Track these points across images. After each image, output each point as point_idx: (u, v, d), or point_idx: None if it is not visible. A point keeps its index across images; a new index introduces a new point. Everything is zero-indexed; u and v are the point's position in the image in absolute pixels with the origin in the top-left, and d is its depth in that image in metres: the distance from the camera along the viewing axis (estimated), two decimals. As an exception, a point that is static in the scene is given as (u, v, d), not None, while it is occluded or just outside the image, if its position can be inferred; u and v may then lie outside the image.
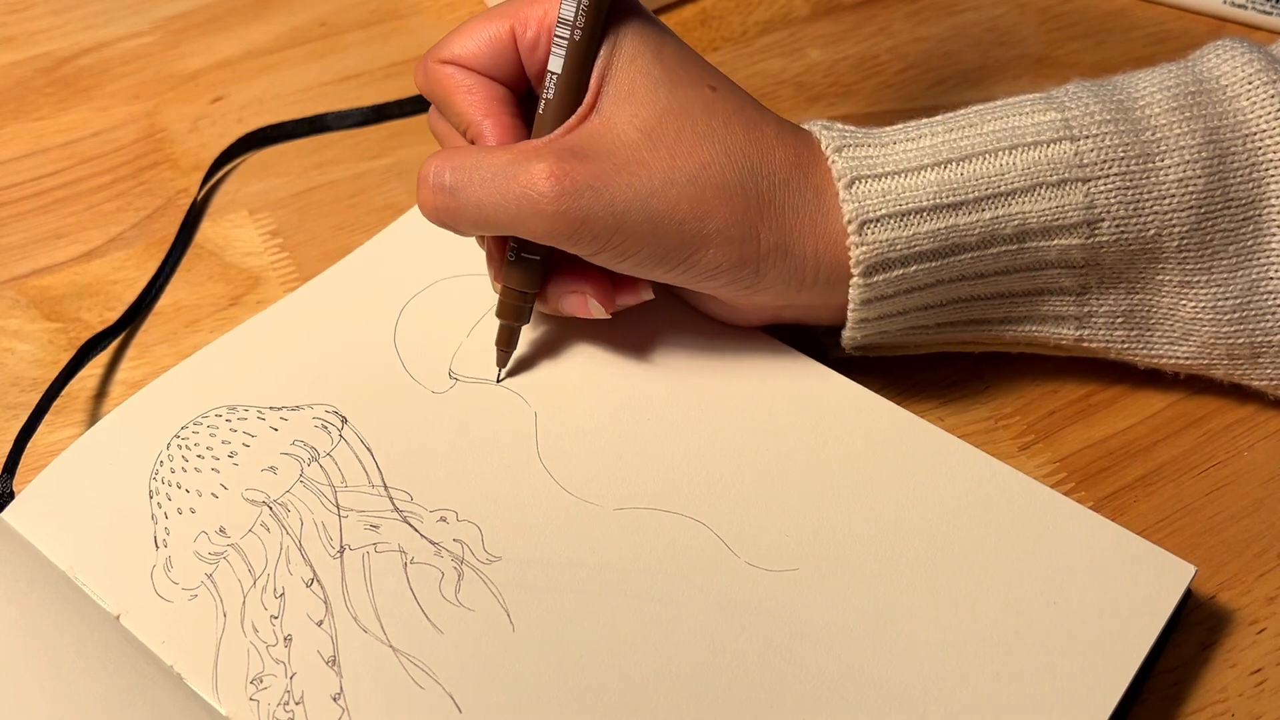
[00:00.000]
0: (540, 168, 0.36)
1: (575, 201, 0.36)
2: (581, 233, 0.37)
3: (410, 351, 0.43)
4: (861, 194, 0.38)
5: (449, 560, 0.37)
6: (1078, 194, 0.38)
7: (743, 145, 0.38)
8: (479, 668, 0.35)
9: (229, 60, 0.57)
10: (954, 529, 0.37)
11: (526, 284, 0.40)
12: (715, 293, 0.40)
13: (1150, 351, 0.42)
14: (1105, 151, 0.38)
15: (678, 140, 0.37)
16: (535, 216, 0.37)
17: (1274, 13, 0.56)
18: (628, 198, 0.37)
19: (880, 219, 0.38)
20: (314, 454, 0.40)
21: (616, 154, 0.37)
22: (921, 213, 0.38)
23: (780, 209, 0.38)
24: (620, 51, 0.38)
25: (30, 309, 0.47)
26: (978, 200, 0.38)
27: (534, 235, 0.37)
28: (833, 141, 0.39)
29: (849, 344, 0.41)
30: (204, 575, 0.37)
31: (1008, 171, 0.38)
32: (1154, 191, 0.38)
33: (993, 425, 0.43)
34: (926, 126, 0.40)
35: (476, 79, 0.39)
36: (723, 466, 0.39)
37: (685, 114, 0.38)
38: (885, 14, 0.59)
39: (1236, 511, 0.41)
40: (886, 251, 0.38)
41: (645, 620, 0.36)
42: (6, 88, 0.56)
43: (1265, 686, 0.37)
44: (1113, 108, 0.39)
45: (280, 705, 0.35)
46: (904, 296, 0.40)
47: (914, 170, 0.38)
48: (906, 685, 0.34)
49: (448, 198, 0.38)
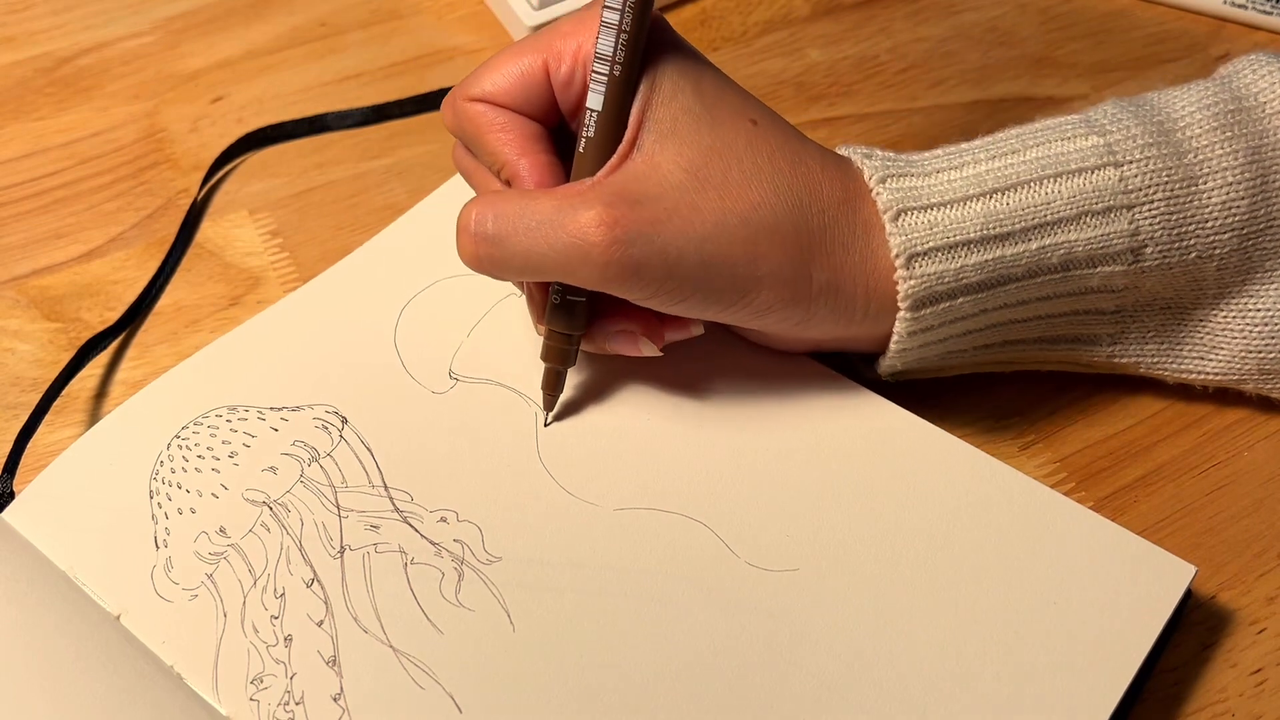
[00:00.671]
0: (590, 215, 0.35)
1: (628, 250, 0.35)
2: (635, 280, 0.36)
3: (411, 351, 0.43)
4: (908, 227, 0.37)
5: (449, 560, 0.37)
6: (1123, 221, 0.38)
7: (790, 182, 0.37)
8: (479, 668, 0.35)
9: (229, 60, 0.57)
10: (954, 529, 0.37)
11: (572, 327, 0.39)
12: (764, 329, 0.39)
13: (1180, 366, 0.42)
14: (1149, 176, 0.38)
15: (725, 181, 0.36)
16: (586, 265, 0.35)
17: (1274, 13, 0.56)
18: (681, 244, 0.36)
19: (928, 252, 0.37)
20: (314, 454, 0.40)
21: (666, 198, 0.36)
22: (969, 245, 0.37)
23: (830, 246, 0.37)
24: (660, 87, 0.37)
25: (30, 309, 0.47)
26: (1024, 230, 0.38)
27: (584, 284, 0.36)
28: (876, 172, 0.38)
29: (887, 371, 0.41)
30: (204, 575, 0.37)
31: (1053, 200, 0.38)
32: (1197, 215, 0.38)
33: (993, 425, 0.43)
34: (969, 154, 0.39)
35: (509, 116, 0.38)
36: (723, 466, 0.39)
37: (730, 152, 0.37)
38: (885, 14, 0.59)
39: (1236, 511, 0.41)
40: (934, 285, 0.38)
41: (645, 620, 0.36)
42: (6, 88, 0.56)
43: (1265, 686, 0.37)
44: (1154, 130, 0.38)
45: (280, 705, 0.35)
46: (948, 327, 0.39)
47: (960, 201, 0.38)
48: (906, 685, 0.34)
49: (492, 247, 0.37)
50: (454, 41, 0.58)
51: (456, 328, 0.43)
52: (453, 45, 0.57)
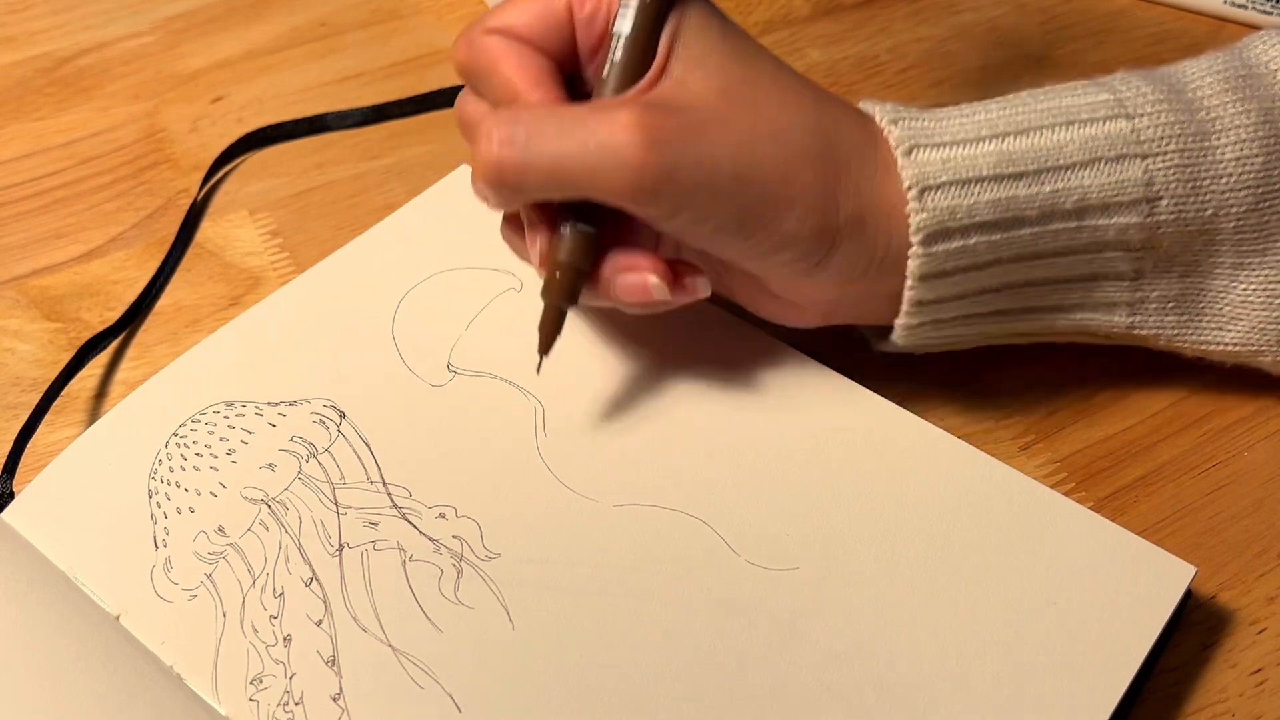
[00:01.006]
0: (625, 115, 0.34)
1: (664, 152, 0.34)
2: (668, 188, 0.35)
3: (409, 344, 0.43)
4: (921, 160, 0.37)
5: (448, 557, 0.37)
6: (1136, 169, 0.38)
7: (817, 114, 0.37)
8: (478, 667, 0.35)
9: (229, 60, 0.57)
10: (954, 529, 0.37)
11: (581, 258, 0.37)
12: (778, 269, 0.38)
13: (1199, 338, 0.41)
14: (1162, 129, 0.38)
15: (755, 103, 0.36)
16: (620, 168, 0.34)
17: (1274, 13, 0.56)
18: (716, 151, 0.35)
19: (941, 185, 0.37)
20: (312, 450, 0.40)
21: (699, 110, 0.36)
22: (982, 181, 0.37)
23: (856, 178, 0.37)
24: (688, 20, 0.37)
25: (30, 309, 0.47)
26: (1037, 172, 0.37)
27: (614, 191, 0.35)
28: (887, 114, 0.38)
29: (902, 333, 0.40)
30: (203, 575, 0.37)
31: (1066, 145, 0.38)
32: (1211, 170, 0.38)
33: (993, 425, 0.43)
34: (980, 106, 0.39)
35: (526, 50, 0.37)
36: (723, 465, 0.39)
37: (758, 83, 0.37)
38: (885, 14, 0.59)
39: (1236, 511, 0.41)
40: (947, 220, 0.37)
41: (645, 618, 0.36)
42: (6, 88, 0.56)
43: (1266, 687, 0.37)
44: (1164, 89, 0.39)
45: (280, 705, 0.35)
46: (962, 276, 0.38)
47: (972, 141, 0.38)
48: (906, 685, 0.34)
49: (518, 150, 0.35)
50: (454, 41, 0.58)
51: (455, 320, 0.43)
52: (453, 45, 0.57)
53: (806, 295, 0.40)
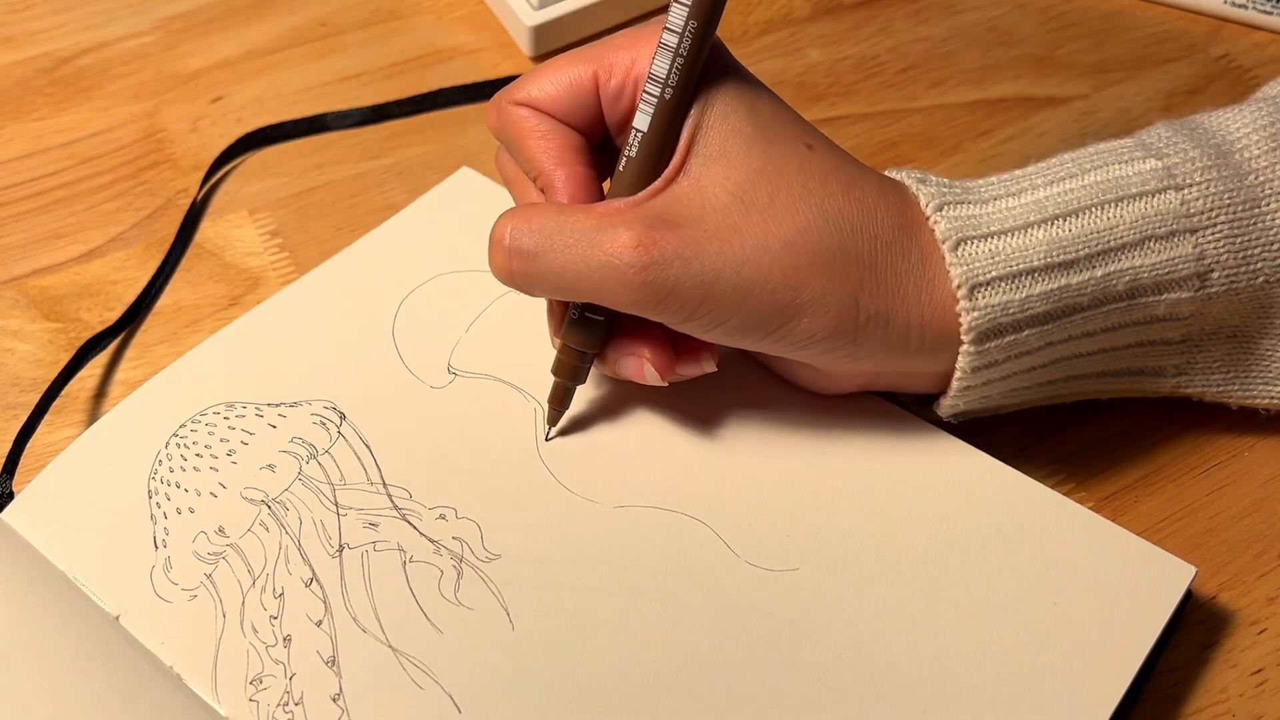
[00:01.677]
0: (626, 236, 0.35)
1: (662, 272, 0.34)
2: (668, 303, 0.35)
3: (409, 346, 0.43)
4: (969, 256, 0.36)
5: (448, 558, 0.37)
6: (1187, 245, 0.37)
7: (841, 206, 0.36)
8: (478, 667, 0.35)
9: (229, 60, 0.57)
10: (954, 529, 0.37)
11: (587, 344, 0.39)
12: (811, 361, 0.38)
13: (1246, 392, 0.41)
14: (1211, 199, 0.37)
15: (772, 203, 0.35)
16: (620, 286, 0.35)
17: (1274, 13, 0.56)
18: (718, 266, 0.35)
19: (991, 282, 0.36)
20: (312, 451, 0.40)
21: (707, 220, 0.35)
22: (1034, 273, 0.36)
23: (883, 274, 0.36)
24: (711, 110, 0.36)
25: (30, 309, 0.47)
26: (1089, 257, 0.37)
27: (617, 304, 0.36)
28: (932, 199, 0.37)
29: (948, 412, 0.39)
30: (203, 575, 0.37)
31: (1117, 225, 0.37)
32: (1262, 237, 0.38)
33: (993, 425, 0.43)
34: (1025, 180, 0.38)
35: (552, 125, 0.37)
36: (723, 465, 0.39)
37: (780, 175, 0.36)
38: (885, 14, 0.59)
39: (1236, 512, 0.41)
40: (999, 316, 0.36)
41: (645, 619, 0.36)
42: (6, 88, 0.56)
43: (1266, 687, 0.37)
44: (1211, 152, 0.38)
45: (280, 706, 0.35)
46: (1013, 362, 0.38)
47: (1021, 229, 0.37)
48: (907, 685, 0.34)
49: (526, 263, 0.36)
50: (454, 41, 0.58)
51: (455, 322, 0.43)
52: (453, 45, 0.57)
53: (840, 374, 0.39)
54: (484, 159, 0.52)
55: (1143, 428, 0.43)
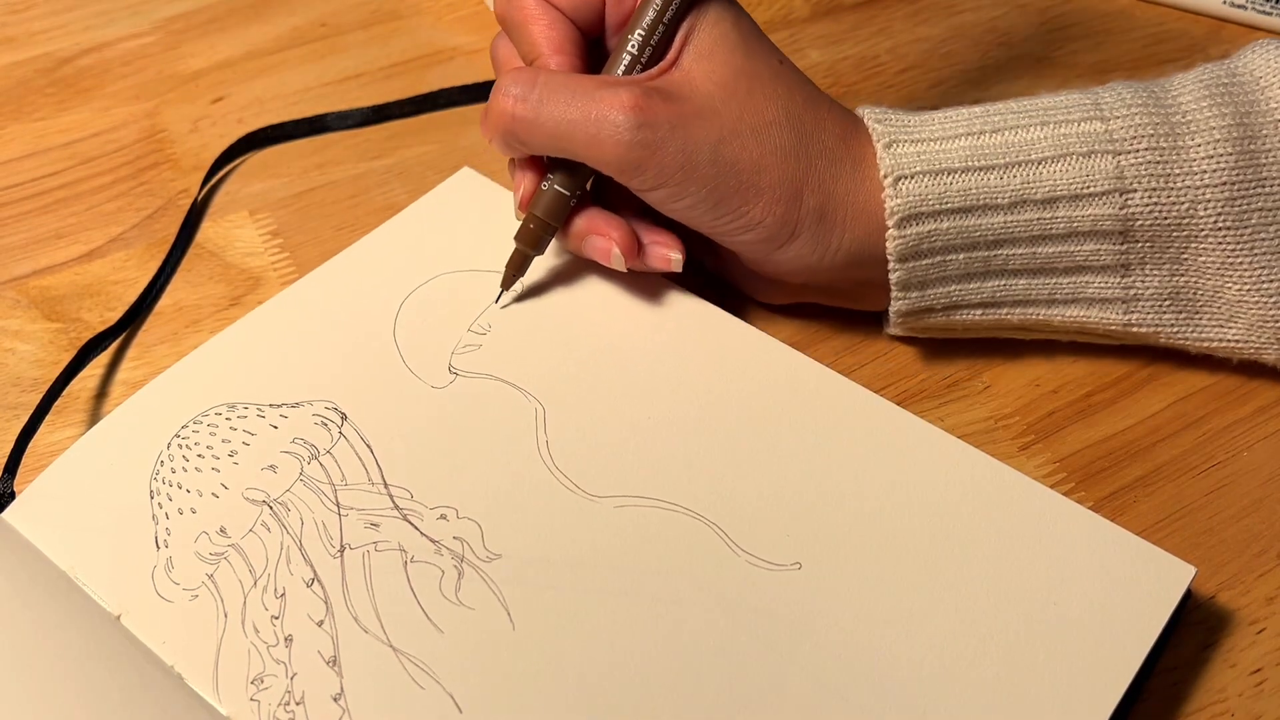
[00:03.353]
0: (626, 95, 0.39)
1: (652, 134, 0.39)
2: (649, 164, 0.39)
3: (410, 346, 0.43)
4: (897, 154, 0.40)
5: (449, 558, 0.37)
6: (1107, 164, 0.40)
7: (801, 111, 0.41)
8: (479, 667, 0.35)
9: (229, 61, 0.57)
10: (954, 529, 0.37)
11: (552, 215, 0.42)
12: (749, 250, 0.42)
13: (1200, 335, 0.42)
14: (1134, 129, 0.40)
15: (749, 97, 0.40)
16: (611, 141, 0.39)
17: (1274, 13, 0.56)
18: (699, 139, 0.39)
19: (914, 175, 0.40)
20: (314, 451, 0.40)
21: (693, 100, 0.40)
22: (953, 172, 0.40)
23: (823, 174, 0.41)
24: (705, 16, 0.41)
25: (31, 309, 0.47)
26: (1007, 165, 0.40)
27: (603, 160, 0.40)
28: (875, 114, 0.42)
29: (896, 315, 0.43)
30: (205, 575, 0.37)
31: (1038, 142, 0.40)
32: (1183, 167, 0.40)
33: (993, 425, 0.43)
34: (965, 109, 0.42)
35: (556, 15, 0.41)
36: (724, 465, 0.39)
37: (757, 76, 0.41)
38: (885, 14, 0.59)
39: (1236, 511, 0.41)
40: (918, 204, 0.40)
41: (646, 618, 0.36)
42: (7, 88, 0.56)
43: (1265, 686, 0.37)
44: (1144, 95, 0.41)
45: (281, 705, 0.35)
46: (940, 259, 0.41)
47: (948, 138, 0.41)
48: (906, 685, 0.34)
49: (529, 108, 0.40)
50: (454, 41, 0.58)
51: (456, 322, 0.43)
52: (453, 45, 0.57)
53: (771, 271, 0.43)
54: (485, 159, 0.52)
55: (1142, 427, 0.43)
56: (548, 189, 0.42)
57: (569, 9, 0.42)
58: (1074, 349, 0.45)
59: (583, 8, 0.42)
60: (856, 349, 0.45)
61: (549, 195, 0.42)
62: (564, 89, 0.40)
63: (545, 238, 0.43)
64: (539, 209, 0.42)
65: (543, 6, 0.41)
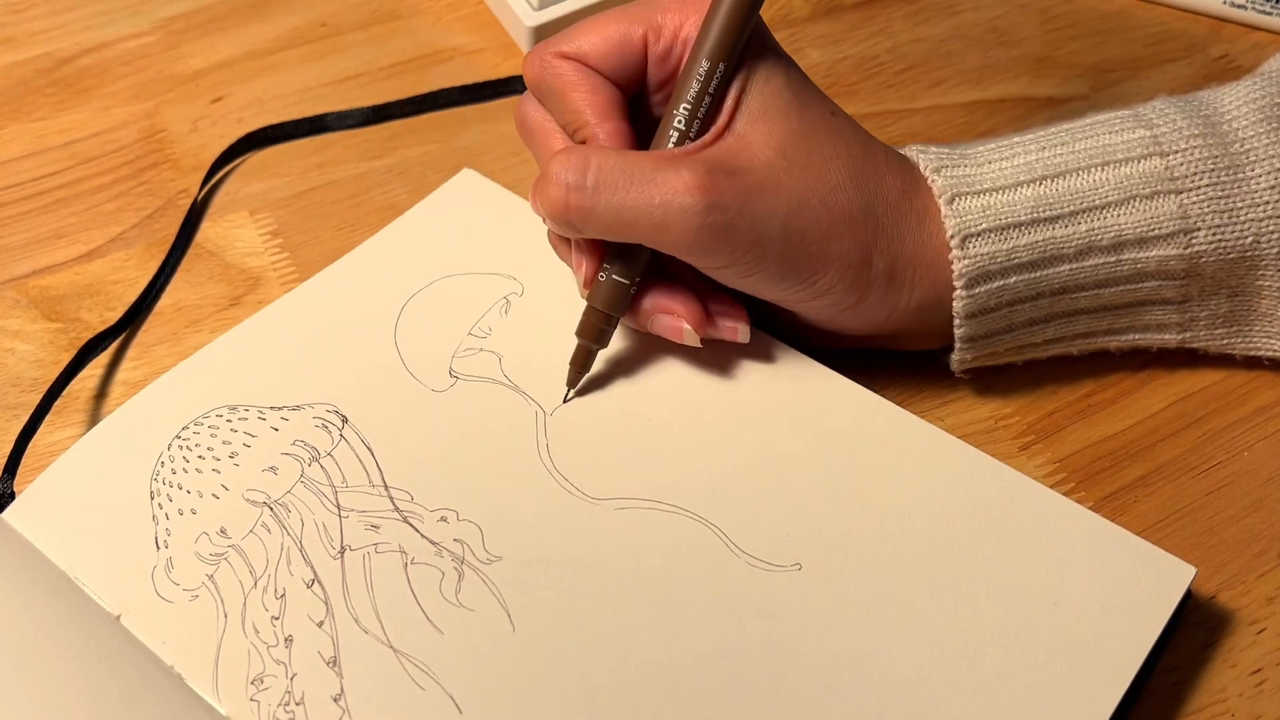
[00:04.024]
0: (689, 176, 0.36)
1: (723, 216, 0.37)
2: (723, 246, 0.37)
3: (411, 350, 0.43)
4: (962, 209, 0.39)
5: (449, 560, 0.37)
6: (1170, 205, 0.39)
7: (862, 170, 0.39)
8: (479, 668, 0.35)
9: (229, 61, 0.57)
10: (954, 529, 0.37)
11: (613, 307, 0.40)
12: (815, 313, 0.40)
13: (1250, 344, 0.43)
14: (1195, 165, 0.39)
15: (809, 162, 0.38)
16: (680, 226, 0.37)
17: (1274, 13, 0.56)
18: (768, 214, 0.37)
19: (981, 233, 0.39)
20: (315, 454, 0.40)
21: (756, 171, 0.38)
22: (1020, 226, 0.39)
23: (890, 234, 0.39)
24: (755, 75, 0.38)
25: (31, 309, 0.47)
26: (1073, 214, 0.39)
27: (673, 245, 0.37)
28: (931, 162, 0.40)
29: (959, 365, 0.42)
30: (205, 576, 0.37)
31: (1101, 186, 0.39)
32: (1246, 200, 0.39)
33: (993, 425, 0.43)
34: (1019, 145, 0.41)
35: (597, 80, 0.39)
36: (724, 466, 0.39)
37: (813, 136, 0.39)
38: (885, 14, 0.59)
39: (1236, 511, 0.41)
40: (987, 264, 0.39)
41: (646, 620, 0.36)
42: (7, 88, 0.56)
43: (1265, 686, 0.37)
44: (1200, 123, 0.40)
45: (281, 706, 0.35)
46: (1007, 310, 0.40)
47: (1011, 187, 0.39)
48: (907, 685, 0.34)
49: (585, 197, 0.37)
50: (454, 41, 0.58)
51: (457, 326, 0.43)
52: (453, 45, 0.57)
53: (837, 329, 0.42)
54: (484, 159, 0.52)
55: (1142, 427, 0.43)
56: (605, 279, 0.40)
57: (610, 71, 0.39)
58: (1074, 349, 0.45)
59: (624, 67, 0.39)
60: (855, 351, 0.45)
61: (608, 286, 0.40)
62: (621, 174, 0.37)
63: (608, 330, 0.40)
64: (599, 301, 0.40)
65: (583, 72, 0.39)
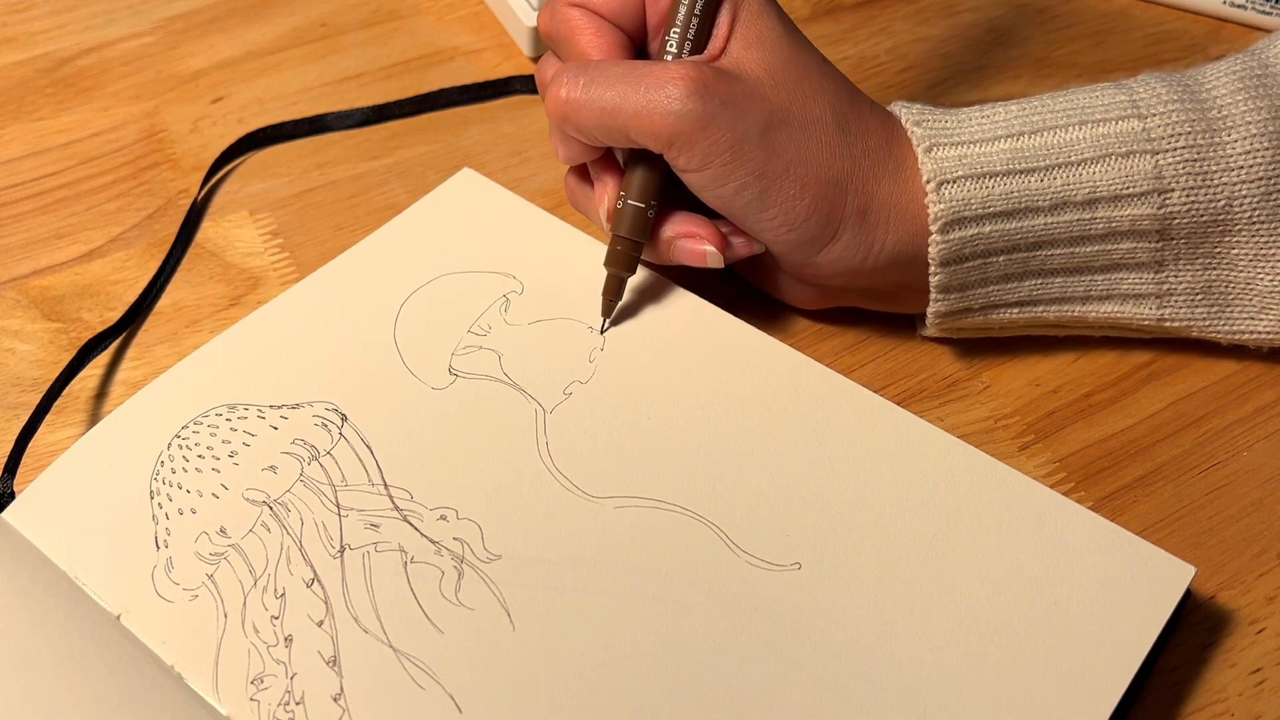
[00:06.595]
0: (679, 69, 0.39)
1: (705, 104, 0.39)
2: (701, 138, 0.39)
3: (410, 348, 0.43)
4: (939, 158, 0.40)
5: (449, 559, 0.37)
6: (1146, 164, 0.40)
7: (846, 110, 0.41)
8: (479, 667, 0.35)
9: (229, 61, 0.57)
10: (954, 529, 0.37)
11: (636, 232, 0.42)
12: (787, 250, 0.41)
13: (1231, 327, 0.43)
14: (1171, 127, 0.40)
15: (797, 87, 0.40)
16: (661, 112, 0.39)
17: (1274, 13, 0.56)
18: (749, 119, 0.39)
19: (957, 179, 0.40)
20: (314, 452, 0.40)
21: (745, 81, 0.40)
22: (995, 176, 0.40)
23: (867, 175, 0.41)
24: (746, 7, 0.41)
25: (31, 309, 0.47)
26: (1048, 168, 0.40)
27: (653, 131, 0.39)
28: (912, 115, 0.42)
29: (935, 317, 0.42)
30: (205, 575, 0.37)
31: (1078, 143, 0.40)
32: (1221, 164, 0.40)
33: (993, 425, 0.43)
34: (1001, 107, 0.42)
35: (602, 23, 0.42)
36: (724, 465, 0.39)
37: (804, 68, 0.41)
38: (885, 14, 0.59)
39: (1236, 511, 0.41)
40: (961, 209, 0.40)
41: (646, 619, 0.36)
42: (7, 88, 0.56)
43: (1265, 686, 0.37)
44: (1180, 90, 0.41)
45: (280, 705, 0.35)
46: (981, 262, 0.41)
47: (988, 140, 0.41)
48: (907, 684, 0.34)
49: (580, 90, 0.40)
50: (454, 41, 0.58)
51: (457, 324, 0.43)
52: (453, 45, 0.57)
53: (812, 275, 0.42)
54: (484, 159, 0.52)
55: (1142, 427, 0.43)
56: (623, 206, 0.42)
57: (612, 15, 0.42)
58: (1074, 348, 0.45)
59: (625, 12, 0.42)
60: (856, 349, 0.45)
61: (627, 212, 0.42)
62: (614, 69, 0.40)
63: (635, 256, 0.42)
64: (623, 229, 0.42)
65: (588, 15, 0.41)
